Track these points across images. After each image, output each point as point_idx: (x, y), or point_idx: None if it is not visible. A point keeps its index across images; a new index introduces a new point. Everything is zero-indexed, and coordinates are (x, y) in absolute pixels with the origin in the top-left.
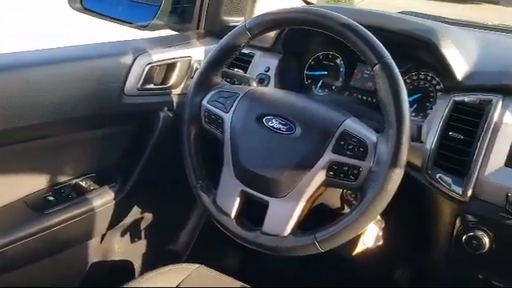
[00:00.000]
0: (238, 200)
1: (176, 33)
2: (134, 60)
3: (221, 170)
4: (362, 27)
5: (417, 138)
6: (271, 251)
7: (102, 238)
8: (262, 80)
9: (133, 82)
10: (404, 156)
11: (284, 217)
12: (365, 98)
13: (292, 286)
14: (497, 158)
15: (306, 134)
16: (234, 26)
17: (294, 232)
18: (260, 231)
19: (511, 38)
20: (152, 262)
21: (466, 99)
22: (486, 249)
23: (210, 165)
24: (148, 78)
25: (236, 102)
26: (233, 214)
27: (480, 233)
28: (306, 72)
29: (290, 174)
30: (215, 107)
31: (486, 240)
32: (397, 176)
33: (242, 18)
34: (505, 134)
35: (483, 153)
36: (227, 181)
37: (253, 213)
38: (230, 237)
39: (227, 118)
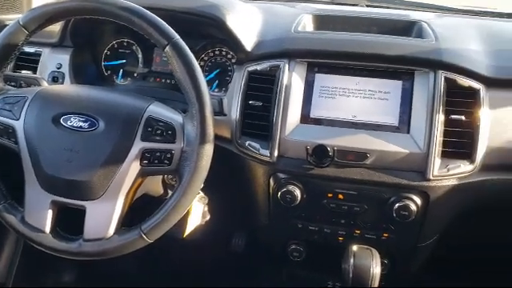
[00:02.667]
0: (49, 212)
1: None
2: None
3: (24, 184)
4: (144, 9)
5: (219, 111)
6: (99, 257)
7: None
8: (56, 78)
9: None
10: (210, 131)
11: (105, 218)
12: (168, 81)
13: (136, 281)
14: (293, 118)
15: (111, 128)
16: None
17: (118, 231)
18: (82, 239)
19: (289, 7)
20: None
21: (258, 68)
22: (298, 200)
23: (11, 181)
24: None
25: (26, 107)
26: (47, 229)
27: (291, 187)
28: (103, 63)
29: (102, 173)
30: (2, 116)
31: (298, 192)
32: (208, 151)
33: (19, 15)
34: (295, 95)
35: (280, 115)
36: (33, 194)
37: (73, 221)
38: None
39: (18, 125)
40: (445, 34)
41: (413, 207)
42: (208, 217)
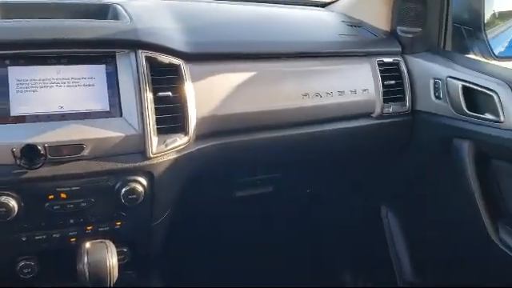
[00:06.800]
0: None
1: None
2: None
3: None
4: None
5: None
6: None
7: None
8: None
9: None
10: None
11: None
12: None
13: None
14: None
15: None
16: None
17: None
18: None
19: None
20: None
21: None
22: (16, 211)
23: None
24: None
25: None
26: None
27: (4, 198)
28: None
29: None
30: None
31: (13, 203)
32: None
33: None
34: None
35: None
36: None
37: None
38: None
39: None
40: (139, 15)
41: (140, 189)
42: None
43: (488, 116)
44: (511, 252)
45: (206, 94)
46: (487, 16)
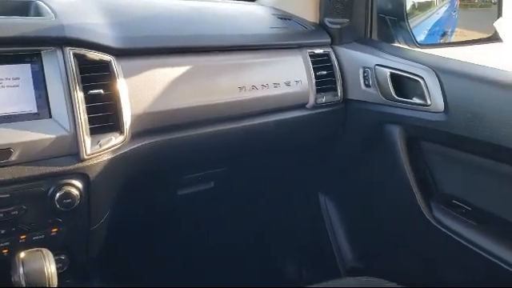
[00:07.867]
0: None
1: None
2: None
3: None
4: None
5: None
6: None
7: None
8: None
9: None
10: None
11: None
12: None
13: None
14: None
15: None
16: None
17: None
18: None
19: None
20: None
21: None
22: None
23: None
24: None
25: None
26: None
27: None
28: None
29: None
30: None
31: None
32: None
33: None
34: None
35: None
36: None
37: None
38: None
39: None
40: (65, 11)
41: (75, 193)
42: None
43: (416, 100)
44: (444, 228)
45: (140, 90)
46: (408, 6)
